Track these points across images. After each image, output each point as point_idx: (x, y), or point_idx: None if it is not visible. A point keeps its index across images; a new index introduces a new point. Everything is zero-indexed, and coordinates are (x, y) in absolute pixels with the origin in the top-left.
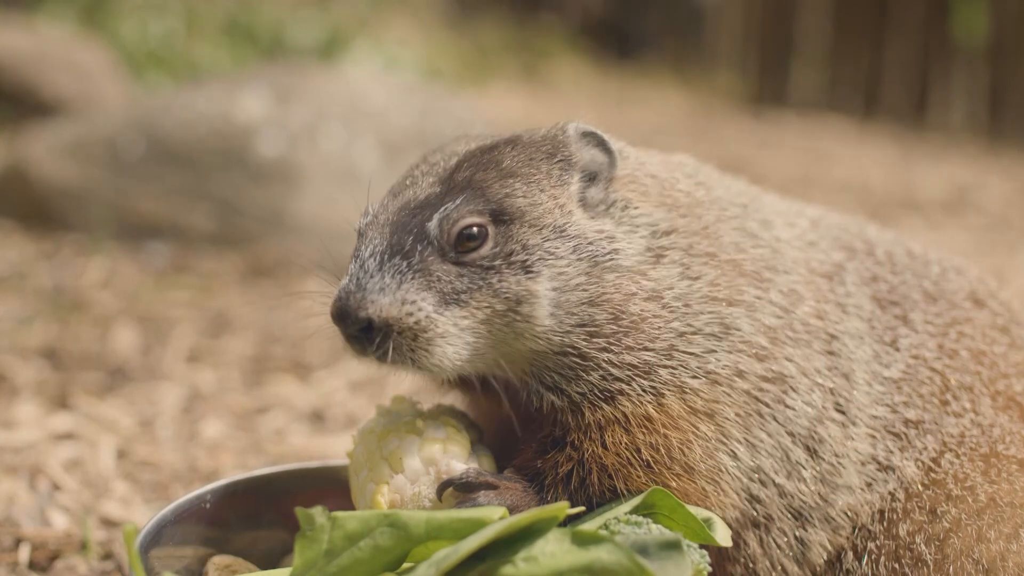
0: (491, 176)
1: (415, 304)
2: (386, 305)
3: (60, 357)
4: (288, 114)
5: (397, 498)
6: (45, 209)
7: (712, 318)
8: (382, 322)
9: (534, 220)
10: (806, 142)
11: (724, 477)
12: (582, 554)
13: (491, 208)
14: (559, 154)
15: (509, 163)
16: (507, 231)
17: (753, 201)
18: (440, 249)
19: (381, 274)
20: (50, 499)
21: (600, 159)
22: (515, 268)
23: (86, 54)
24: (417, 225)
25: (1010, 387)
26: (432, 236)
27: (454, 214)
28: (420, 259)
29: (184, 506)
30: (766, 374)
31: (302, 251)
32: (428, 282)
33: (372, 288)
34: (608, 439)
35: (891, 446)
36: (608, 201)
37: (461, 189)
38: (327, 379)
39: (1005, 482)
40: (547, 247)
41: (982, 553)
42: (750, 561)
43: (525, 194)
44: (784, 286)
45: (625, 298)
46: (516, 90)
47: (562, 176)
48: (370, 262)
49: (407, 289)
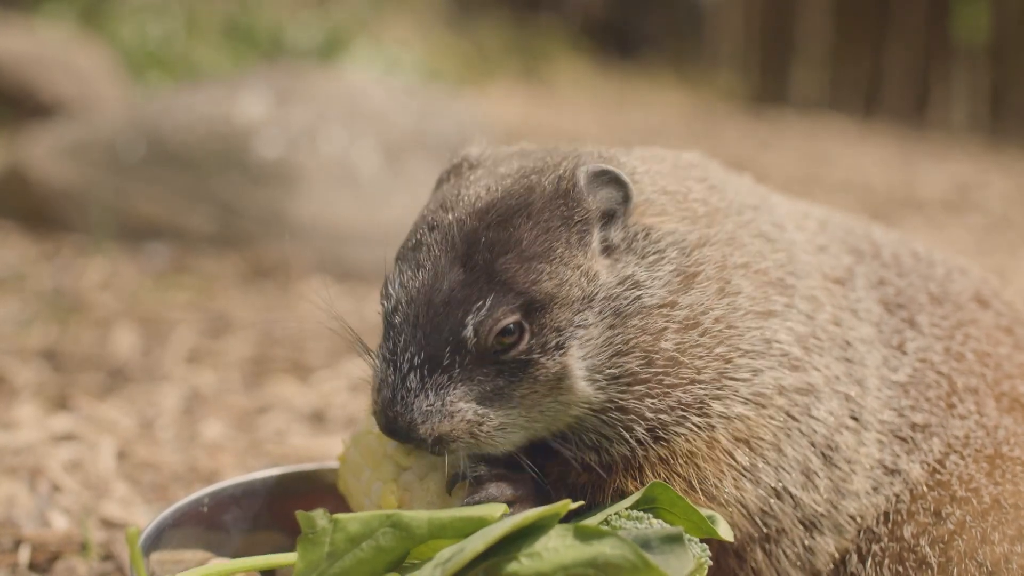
0: (514, 263)
1: (463, 412)
2: (436, 424)
3: (60, 358)
4: (288, 115)
5: (406, 495)
6: (45, 210)
7: (756, 335)
8: (435, 440)
9: (563, 299)
10: (807, 142)
11: (740, 507)
12: (586, 549)
13: (521, 302)
14: (576, 215)
15: (528, 242)
16: (540, 319)
17: (763, 202)
18: (478, 356)
19: (425, 392)
20: (50, 500)
21: (615, 196)
22: (550, 352)
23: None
24: (451, 332)
25: (1014, 388)
26: (469, 344)
27: (488, 321)
28: (460, 370)
29: (183, 509)
30: (800, 385)
31: (302, 252)
32: (470, 388)
33: (419, 408)
34: (647, 474)
35: (898, 450)
36: (629, 237)
37: (486, 281)
38: (327, 380)
39: (1010, 484)
40: (577, 320)
41: (986, 555)
42: (753, 573)
43: (551, 275)
44: (805, 291)
45: (654, 337)
46: (516, 91)
47: (583, 239)
48: (411, 377)
49: (451, 402)
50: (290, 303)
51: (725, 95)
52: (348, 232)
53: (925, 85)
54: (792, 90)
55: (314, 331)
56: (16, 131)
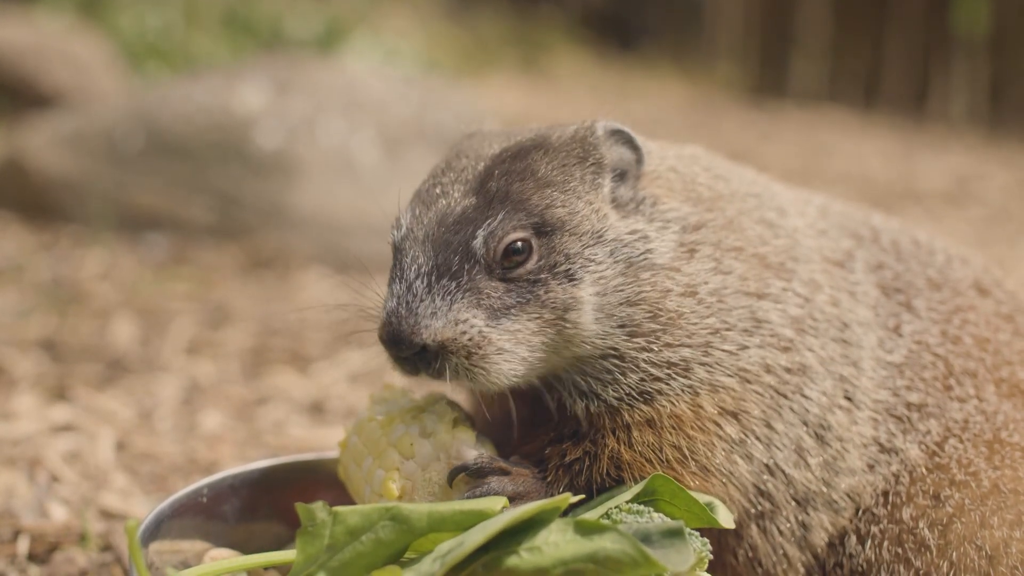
0: (529, 187)
1: (468, 323)
2: (440, 328)
3: (59, 349)
4: (287, 106)
5: (408, 484)
6: (43, 201)
7: (744, 313)
8: (437, 345)
9: (574, 228)
10: (807, 133)
11: (735, 480)
12: (586, 543)
13: (533, 221)
14: (591, 157)
15: (544, 172)
16: (550, 242)
17: (765, 190)
18: (487, 267)
19: (431, 296)
20: (49, 491)
21: (628, 157)
22: (560, 278)
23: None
24: (461, 243)
25: (1014, 374)
26: (479, 254)
27: (499, 231)
28: (469, 278)
29: (182, 500)
30: (790, 366)
31: (301, 243)
32: (478, 300)
33: (424, 312)
34: (635, 438)
35: (893, 428)
36: (638, 199)
37: (500, 202)
38: (326, 371)
39: (1009, 468)
40: (587, 254)
41: (985, 539)
42: (750, 550)
43: (564, 203)
44: (805, 275)
45: (661, 295)
46: (516, 82)
47: (595, 180)
48: (417, 284)
49: (458, 309)
50: (289, 294)
51: (725, 87)
52: (347, 223)
53: (925, 77)
54: (791, 82)
55: (313, 322)
56: (15, 122)
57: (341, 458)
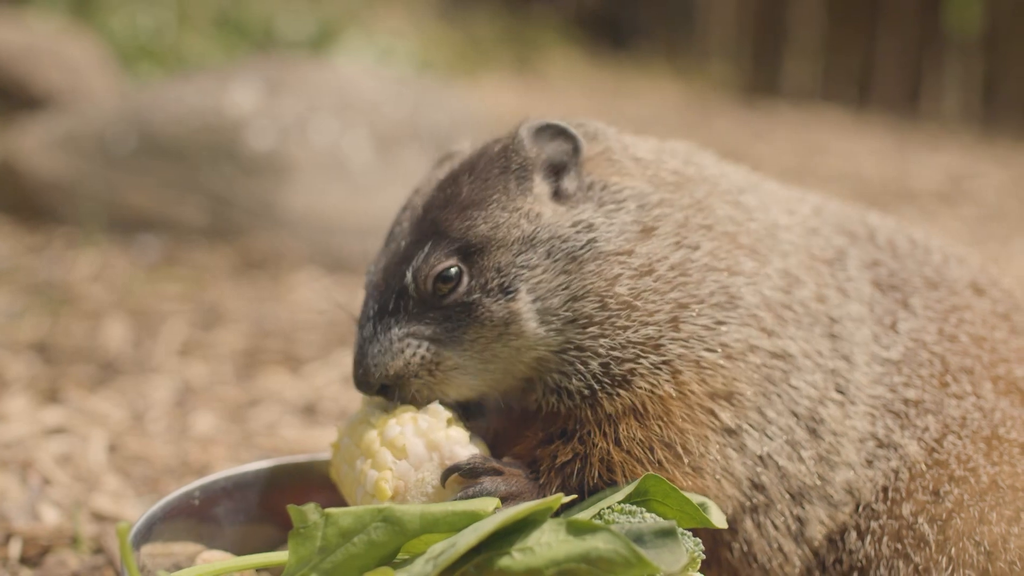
0: (451, 214)
1: (411, 347)
2: (389, 363)
3: (51, 351)
4: (279, 107)
5: (401, 484)
6: (35, 202)
7: (716, 287)
8: (393, 378)
9: (500, 241)
10: (800, 132)
11: (729, 476)
12: (578, 544)
13: (456, 247)
14: (513, 163)
15: (466, 193)
16: (480, 261)
17: (751, 185)
18: (423, 301)
19: (377, 337)
20: (41, 493)
21: (564, 147)
22: (494, 294)
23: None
24: (397, 281)
25: (1011, 372)
26: (411, 292)
27: (424, 266)
28: (407, 314)
29: (173, 503)
30: (774, 350)
31: (294, 244)
32: (420, 329)
33: (374, 353)
34: (623, 434)
35: (891, 424)
36: (585, 185)
37: (429, 235)
38: (319, 372)
39: (1007, 464)
40: (519, 261)
41: (984, 535)
42: (745, 544)
43: (485, 219)
44: (780, 265)
45: (609, 283)
46: (509, 82)
47: (521, 184)
48: (367, 327)
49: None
50: (282, 295)
51: (718, 85)
52: (340, 223)
53: (918, 75)
54: (785, 80)
55: (306, 323)
56: (6, 123)
57: (333, 459)
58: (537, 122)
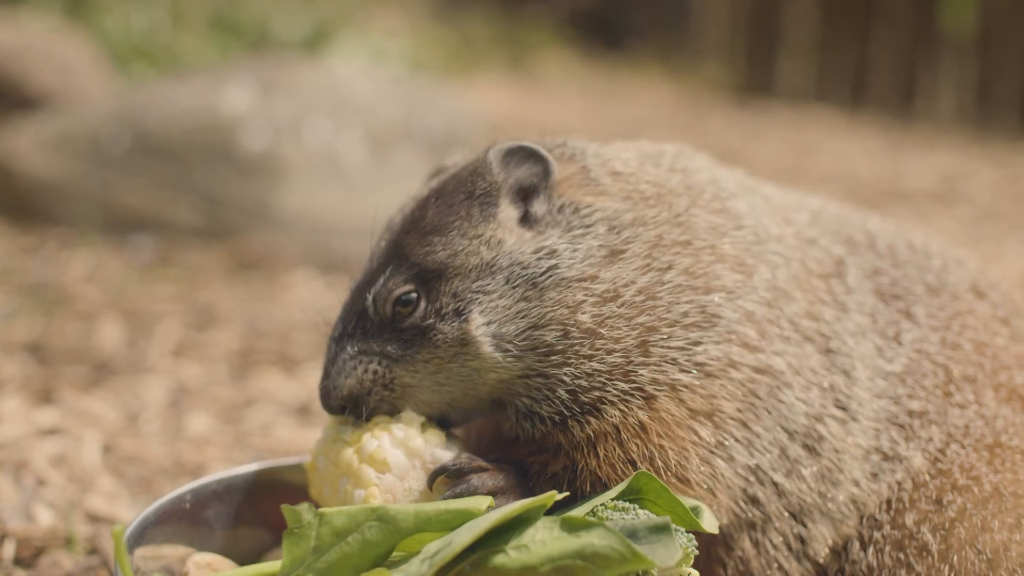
0: (413, 239)
1: (364, 366)
2: (344, 383)
3: (44, 351)
4: (273, 107)
5: (390, 498)
6: (29, 203)
7: (690, 307)
8: (351, 397)
9: (458, 268)
10: (794, 132)
11: (719, 484)
12: (573, 540)
13: (414, 273)
14: (478, 188)
15: (430, 218)
16: (436, 287)
17: (746, 191)
18: (382, 324)
19: (338, 359)
20: (35, 494)
21: (534, 170)
22: (448, 318)
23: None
24: (359, 304)
25: (1012, 379)
26: (371, 315)
27: (383, 291)
28: (363, 334)
29: (165, 506)
30: (758, 365)
31: (288, 244)
32: (375, 348)
33: (335, 374)
34: (601, 451)
35: (896, 436)
36: (555, 209)
37: (391, 259)
38: (313, 372)
39: (1009, 472)
40: (476, 287)
41: (986, 543)
42: (740, 563)
43: (444, 246)
44: (768, 276)
45: (570, 311)
46: (503, 82)
47: (485, 211)
48: (332, 348)
49: (356, 358)
50: (276, 295)
51: (711, 86)
52: (334, 224)
53: (912, 76)
54: (778, 81)
55: (300, 323)
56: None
57: (312, 480)
58: (506, 144)
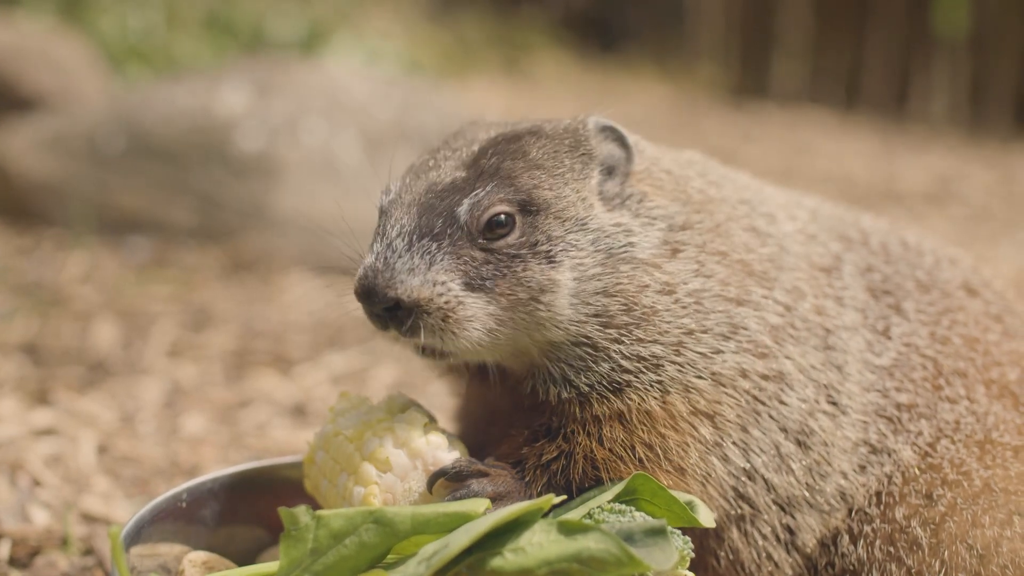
0: (519, 166)
1: (445, 285)
2: (416, 286)
3: (40, 352)
4: (269, 108)
5: (389, 497)
6: (25, 204)
7: (722, 318)
8: (412, 302)
9: (559, 212)
10: (788, 134)
11: (712, 481)
12: (570, 543)
13: (520, 198)
14: (581, 148)
15: (535, 155)
16: (533, 221)
17: (756, 195)
18: (469, 234)
19: (410, 254)
20: (31, 495)
21: (618, 154)
22: (539, 257)
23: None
24: (446, 208)
25: (1004, 375)
26: (462, 221)
27: (484, 201)
28: (450, 242)
29: (161, 505)
30: (767, 372)
31: (283, 245)
32: (456, 265)
33: (401, 268)
34: (605, 434)
35: (884, 429)
36: (624, 195)
37: (490, 176)
38: (309, 373)
39: (1000, 468)
40: (569, 239)
41: (976, 538)
42: (731, 553)
43: (551, 186)
44: (788, 283)
45: (638, 289)
46: (498, 83)
47: (583, 170)
48: (398, 241)
49: (437, 270)
50: (271, 296)
51: (706, 87)
52: (329, 224)
53: (905, 77)
54: (773, 82)
55: (296, 324)
56: None
57: (308, 473)
58: (603, 120)
